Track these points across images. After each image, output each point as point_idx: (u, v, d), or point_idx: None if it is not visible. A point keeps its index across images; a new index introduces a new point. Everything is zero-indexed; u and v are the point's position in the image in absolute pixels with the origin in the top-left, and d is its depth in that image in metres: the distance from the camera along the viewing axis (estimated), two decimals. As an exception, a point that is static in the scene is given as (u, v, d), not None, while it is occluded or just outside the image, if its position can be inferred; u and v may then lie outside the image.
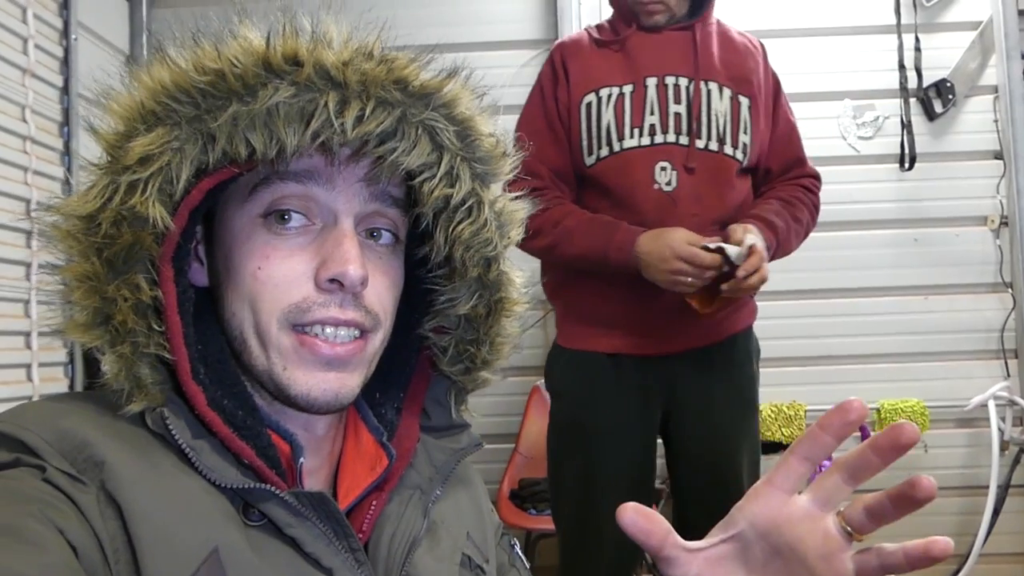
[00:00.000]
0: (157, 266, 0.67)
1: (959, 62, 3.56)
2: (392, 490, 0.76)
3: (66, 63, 2.69)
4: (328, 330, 0.69)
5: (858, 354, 3.52)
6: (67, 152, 2.71)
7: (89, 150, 0.71)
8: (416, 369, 0.84)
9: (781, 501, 0.61)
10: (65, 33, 2.70)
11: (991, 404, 3.32)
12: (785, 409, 3.43)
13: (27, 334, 2.52)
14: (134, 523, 0.59)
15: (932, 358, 3.52)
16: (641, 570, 3.01)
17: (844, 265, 3.54)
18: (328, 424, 0.76)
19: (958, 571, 3.14)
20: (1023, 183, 3.46)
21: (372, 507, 0.75)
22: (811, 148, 3.55)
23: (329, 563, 0.66)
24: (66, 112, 2.69)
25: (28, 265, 2.51)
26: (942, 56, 3.55)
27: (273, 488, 0.65)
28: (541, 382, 3.44)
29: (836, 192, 3.54)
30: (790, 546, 0.60)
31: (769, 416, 3.43)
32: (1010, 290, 3.50)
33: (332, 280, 0.68)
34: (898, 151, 3.50)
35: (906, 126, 3.48)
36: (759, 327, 3.44)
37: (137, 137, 0.65)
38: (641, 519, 0.62)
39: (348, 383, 0.71)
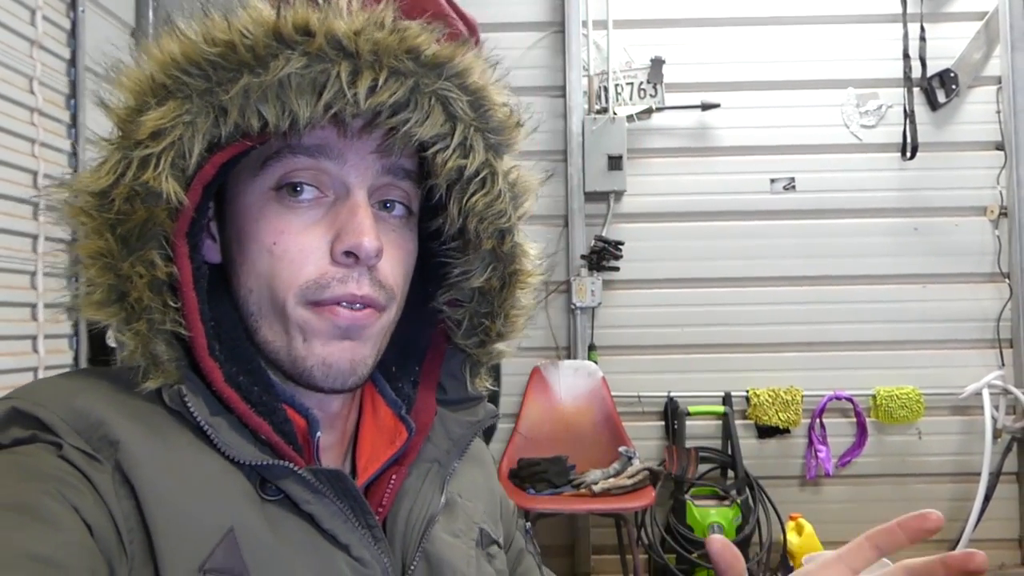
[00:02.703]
0: (171, 242, 0.66)
1: (963, 52, 3.57)
2: (411, 464, 0.77)
3: (73, 35, 2.68)
4: (344, 305, 0.69)
5: (856, 341, 3.55)
6: (74, 124, 2.69)
7: (97, 123, 0.70)
8: (431, 343, 0.83)
9: None
10: (73, 5, 2.69)
11: (985, 392, 3.36)
12: (782, 394, 3.47)
13: (33, 306, 2.53)
14: (148, 504, 0.59)
15: (928, 346, 3.56)
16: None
17: (844, 252, 3.57)
18: (343, 402, 0.76)
19: (948, 556, 3.18)
20: (1023, 174, 3.48)
21: (392, 481, 0.75)
22: (813, 136, 3.61)
23: (346, 540, 0.67)
24: (73, 84, 2.68)
25: (35, 237, 2.51)
26: (946, 46, 3.56)
27: (291, 464, 0.65)
28: (542, 363, 3.47)
29: (838, 180, 3.58)
30: None
31: (767, 400, 3.47)
32: (1007, 280, 3.54)
33: (347, 253, 0.68)
34: (900, 140, 3.52)
35: (909, 116, 3.49)
36: (758, 313, 3.49)
37: (148, 111, 0.64)
38: (728, 552, 0.65)
39: (361, 352, 0.71)
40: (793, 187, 3.58)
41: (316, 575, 0.64)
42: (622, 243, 3.52)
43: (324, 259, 0.68)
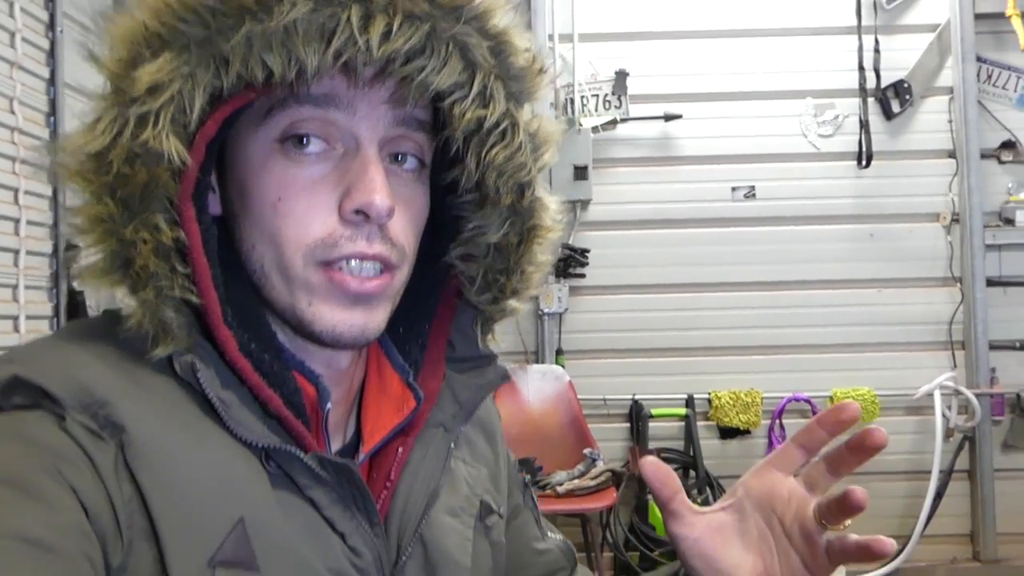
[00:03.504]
0: (176, 204, 0.62)
1: (917, 63, 3.69)
2: (417, 435, 0.74)
3: (52, 55, 2.75)
4: (354, 263, 0.66)
5: (813, 344, 3.67)
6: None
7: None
8: (442, 298, 0.79)
9: (777, 479, 0.68)
10: (51, 25, 2.76)
11: (937, 393, 3.49)
12: (743, 396, 3.58)
13: (15, 318, 2.62)
14: (154, 493, 0.57)
15: (884, 348, 3.68)
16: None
17: (802, 258, 3.69)
18: (352, 358, 0.73)
19: (901, 550, 3.31)
20: (974, 182, 3.61)
21: (399, 453, 0.72)
22: (773, 145, 3.72)
23: (343, 528, 0.65)
24: (52, 103, 2.75)
25: (16, 252, 2.59)
26: (901, 57, 3.68)
27: (299, 453, 0.63)
28: (511, 367, 3.56)
29: (796, 188, 3.70)
30: (781, 520, 0.67)
31: (728, 402, 3.58)
32: (959, 284, 3.66)
33: (357, 211, 0.64)
34: (856, 149, 3.64)
35: (864, 125, 3.61)
36: (720, 317, 3.60)
37: (143, 64, 0.59)
38: (660, 471, 0.69)
39: (374, 318, 0.68)
40: (753, 195, 3.69)
41: (320, 561, 0.63)
42: (588, 251, 3.63)
43: (332, 217, 0.65)
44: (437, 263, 0.77)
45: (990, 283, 3.63)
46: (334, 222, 0.65)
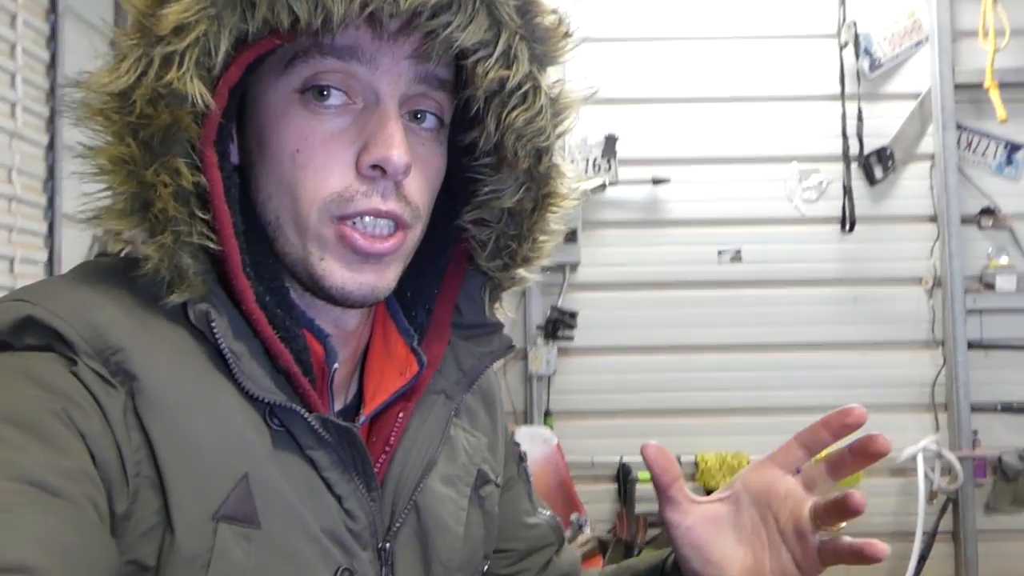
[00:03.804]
0: (198, 150, 0.62)
1: (899, 131, 3.76)
2: (419, 400, 0.74)
3: (53, 66, 2.75)
4: (368, 219, 0.66)
5: (799, 406, 3.70)
6: (51, 148, 2.79)
7: (74, 139, 0.66)
8: (452, 261, 0.79)
9: (776, 476, 0.70)
10: (53, 37, 2.78)
11: (920, 456, 3.53)
12: (729, 459, 3.62)
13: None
14: (163, 444, 0.57)
15: (868, 411, 3.70)
16: None
17: (788, 321, 3.74)
18: (360, 318, 0.73)
19: (886, 615, 3.34)
20: (955, 248, 3.68)
21: (399, 418, 0.72)
22: (759, 209, 3.78)
23: (339, 490, 0.65)
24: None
25: (11, 259, 2.62)
26: (883, 124, 3.76)
27: (303, 411, 0.63)
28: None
29: (781, 252, 3.75)
30: (775, 517, 0.69)
31: (714, 465, 3.62)
32: (941, 348, 3.72)
33: (374, 166, 0.64)
34: (840, 213, 3.71)
35: (848, 191, 3.68)
36: (706, 379, 3.64)
37: (170, 3, 0.58)
38: (662, 456, 0.71)
39: (385, 277, 0.68)
40: (740, 258, 3.75)
41: (315, 521, 0.63)
42: (576, 314, 3.67)
43: (349, 171, 0.65)
44: (449, 226, 0.77)
45: (971, 346, 3.69)
46: (351, 176, 0.65)
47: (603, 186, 3.72)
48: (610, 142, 3.73)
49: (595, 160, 3.75)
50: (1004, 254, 3.73)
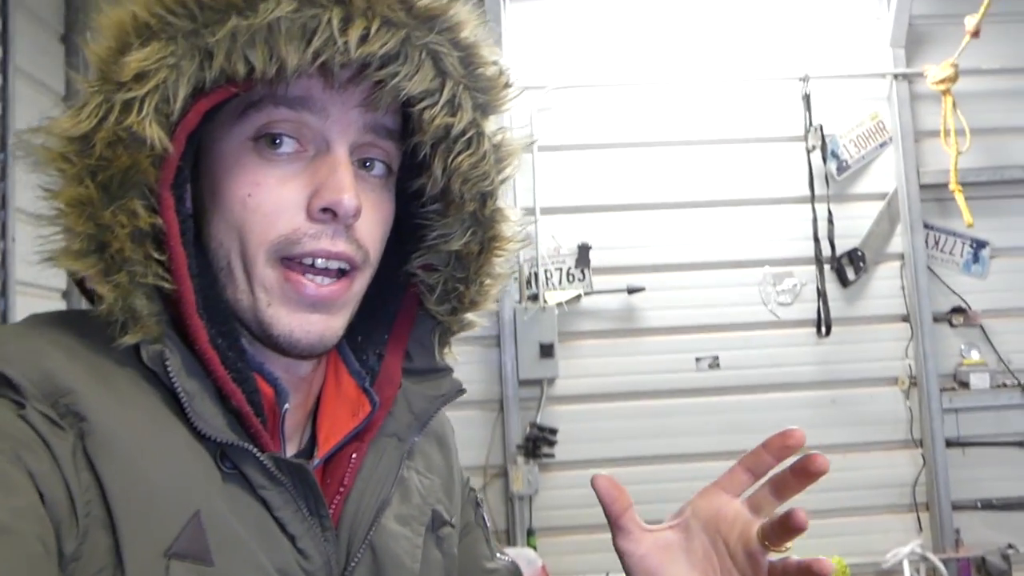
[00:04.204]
0: (156, 192, 0.63)
1: (869, 231, 3.80)
2: (372, 441, 0.74)
3: (3, 178, 2.64)
4: (318, 262, 0.67)
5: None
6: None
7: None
8: (401, 307, 0.81)
9: (723, 501, 0.71)
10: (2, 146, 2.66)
11: (905, 562, 3.53)
12: (716, 572, 3.57)
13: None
14: (113, 483, 0.57)
15: (851, 513, 3.71)
16: None
17: (767, 426, 3.60)
18: (311, 366, 0.74)
19: None
20: (928, 347, 3.71)
21: (352, 459, 0.73)
22: (734, 314, 3.77)
23: (293, 529, 0.65)
24: (3, 226, 2.63)
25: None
26: (853, 225, 3.80)
27: (254, 451, 0.63)
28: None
29: (758, 356, 3.75)
30: (725, 541, 0.69)
31: None
32: (920, 448, 3.73)
33: (325, 210, 0.65)
34: (815, 316, 3.72)
35: (822, 295, 3.69)
36: (687, 488, 3.59)
37: (131, 52, 0.61)
38: (613, 487, 0.72)
39: (333, 325, 0.69)
40: (717, 364, 3.74)
41: (271, 560, 0.63)
42: (556, 430, 3.62)
43: (299, 215, 0.66)
44: (399, 272, 0.79)
45: (949, 444, 3.71)
46: (301, 219, 0.66)
47: (578, 297, 3.69)
48: (583, 251, 3.71)
49: (569, 270, 3.72)
50: (975, 350, 3.77)
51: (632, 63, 3.82)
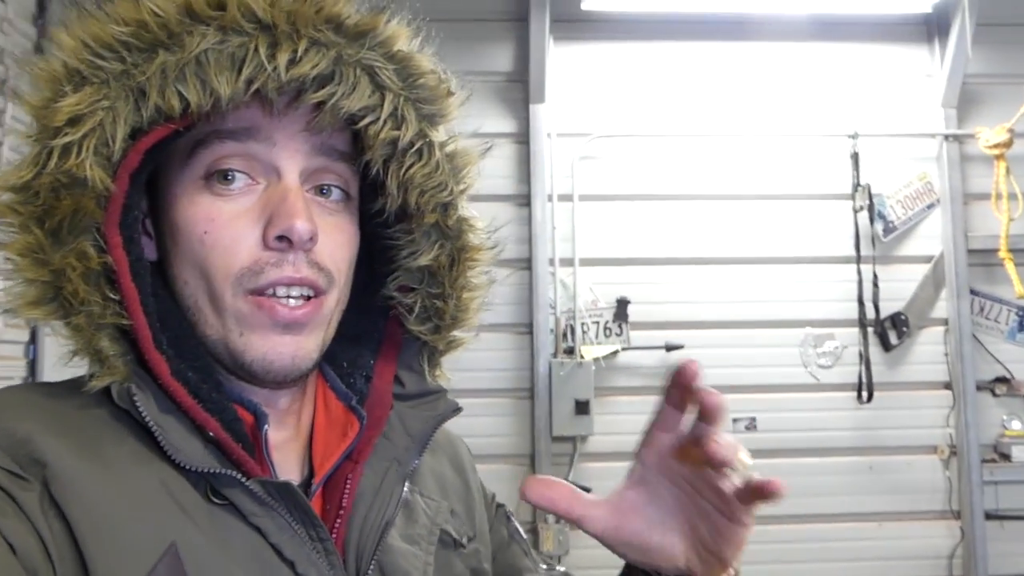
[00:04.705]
0: (104, 234, 0.64)
1: (913, 295, 3.72)
2: (366, 462, 0.74)
3: None
4: (281, 291, 0.67)
5: (816, 581, 3.61)
6: None
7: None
8: (387, 335, 0.81)
9: (664, 440, 0.68)
10: None
11: (941, 639, 3.45)
12: (746, 642, 3.49)
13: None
14: (80, 525, 0.57)
15: (887, 586, 3.63)
16: None
17: (803, 492, 3.63)
18: (291, 397, 0.74)
19: None
20: (970, 417, 3.62)
21: (348, 480, 0.72)
22: (773, 375, 3.69)
23: (291, 555, 0.64)
24: None
25: None
26: (897, 288, 3.71)
27: (238, 476, 0.63)
28: None
29: (796, 420, 3.67)
30: (683, 477, 0.67)
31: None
32: (958, 519, 3.65)
33: (281, 238, 0.66)
34: (855, 380, 3.63)
35: (864, 359, 3.61)
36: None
37: (64, 98, 0.62)
38: (545, 497, 0.68)
39: (304, 346, 0.69)
40: (755, 427, 3.66)
41: None
42: (589, 488, 3.52)
43: (257, 246, 0.67)
44: (377, 297, 0.79)
45: (988, 516, 3.63)
46: (259, 250, 0.67)
47: (615, 352, 3.61)
48: (622, 306, 3.63)
49: (607, 323, 3.64)
50: (1016, 420, 3.69)
51: (679, 114, 3.74)
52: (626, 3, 3.48)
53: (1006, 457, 3.64)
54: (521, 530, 0.92)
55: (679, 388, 0.66)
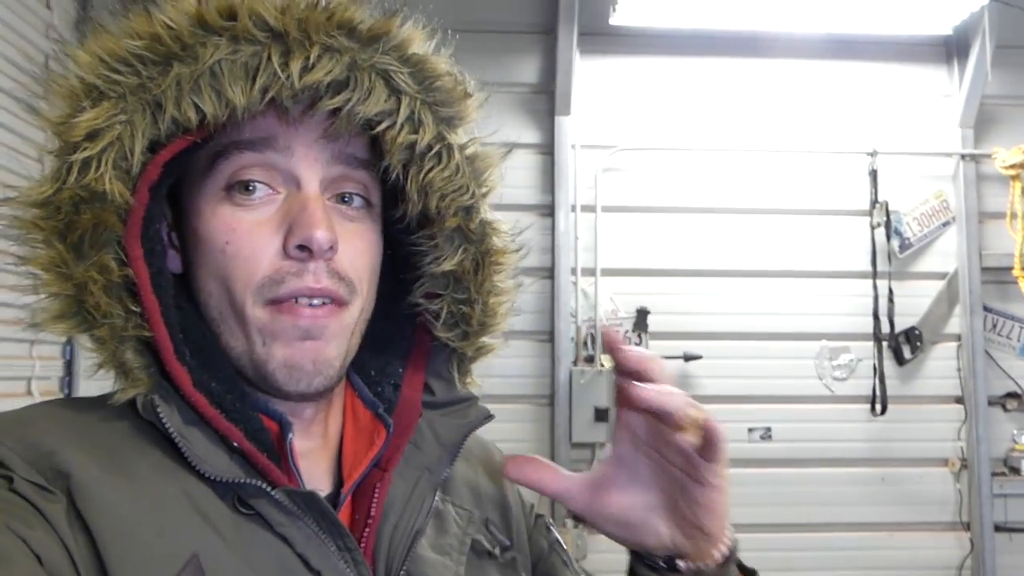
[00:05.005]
0: (125, 247, 0.65)
1: (927, 311, 3.79)
2: (395, 470, 0.73)
3: None
4: (302, 300, 0.67)
5: (827, 589, 3.69)
6: None
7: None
8: (415, 343, 0.80)
9: (633, 415, 0.70)
10: None
11: (949, 649, 3.52)
12: (759, 648, 3.56)
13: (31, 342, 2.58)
14: (102, 536, 0.57)
15: (896, 594, 3.71)
16: None
17: (815, 501, 3.72)
18: (317, 407, 0.74)
19: None
20: (982, 431, 3.70)
21: (376, 489, 0.72)
22: (789, 387, 3.76)
23: (319, 565, 0.64)
24: None
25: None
26: (912, 304, 3.78)
27: (264, 485, 0.63)
28: None
29: (811, 430, 3.74)
30: (654, 447, 0.69)
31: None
32: (968, 531, 3.72)
33: (301, 247, 0.66)
34: (869, 392, 3.70)
35: (879, 373, 3.68)
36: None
37: (82, 114, 0.62)
38: (525, 466, 0.71)
39: (325, 352, 0.69)
40: (770, 436, 3.73)
41: None
42: (607, 495, 3.60)
43: (278, 255, 0.67)
44: (402, 306, 0.78)
45: (998, 529, 3.70)
46: (280, 260, 0.67)
47: (635, 361, 3.67)
48: (642, 315, 3.70)
49: (627, 333, 3.71)
50: (1026, 434, 3.76)
51: (701, 129, 3.80)
52: (653, 19, 3.54)
53: (1016, 471, 3.71)
54: (562, 541, 0.91)
55: (611, 356, 0.68)
